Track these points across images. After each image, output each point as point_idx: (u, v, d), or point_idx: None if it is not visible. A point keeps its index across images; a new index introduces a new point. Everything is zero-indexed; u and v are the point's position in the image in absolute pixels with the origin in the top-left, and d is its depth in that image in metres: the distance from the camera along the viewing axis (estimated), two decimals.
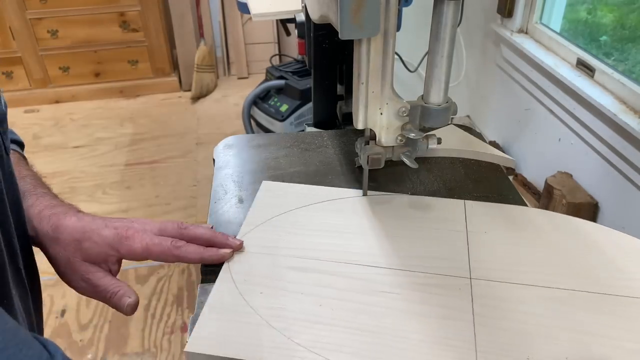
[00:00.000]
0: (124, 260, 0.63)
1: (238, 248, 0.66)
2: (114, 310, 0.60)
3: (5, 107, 0.57)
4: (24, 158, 0.70)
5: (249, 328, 0.55)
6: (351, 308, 0.57)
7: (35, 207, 0.61)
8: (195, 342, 0.54)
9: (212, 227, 0.67)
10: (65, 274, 0.61)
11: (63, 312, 1.76)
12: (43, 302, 0.65)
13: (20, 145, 0.71)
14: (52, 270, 0.62)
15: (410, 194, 0.77)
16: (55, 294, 1.81)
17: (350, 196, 0.76)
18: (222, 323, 0.56)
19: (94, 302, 1.78)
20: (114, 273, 0.62)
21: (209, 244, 0.64)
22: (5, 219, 0.50)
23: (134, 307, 0.59)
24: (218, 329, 0.55)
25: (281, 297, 0.59)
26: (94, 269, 0.60)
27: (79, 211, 0.63)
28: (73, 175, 2.47)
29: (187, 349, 0.53)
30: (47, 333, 1.68)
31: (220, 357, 0.53)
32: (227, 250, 0.64)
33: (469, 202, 0.74)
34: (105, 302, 0.60)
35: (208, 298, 0.60)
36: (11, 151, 0.66)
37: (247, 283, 0.61)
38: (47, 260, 0.62)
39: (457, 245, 0.66)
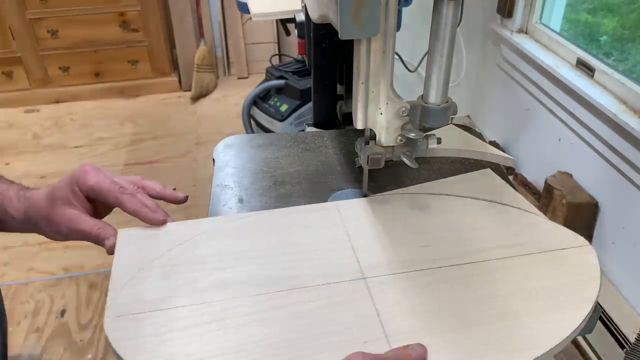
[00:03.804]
0: None
1: (183, 201, 0.74)
2: None
3: None
4: None
5: None
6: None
7: (10, 190, 0.69)
8: None
9: (164, 187, 0.73)
10: (52, 231, 0.67)
11: (63, 312, 1.75)
12: (43, 302, 0.67)
13: None
14: (52, 270, 0.63)
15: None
16: (55, 294, 1.81)
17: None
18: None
19: (94, 302, 1.78)
20: (90, 213, 0.68)
21: (159, 197, 0.72)
22: None
23: (113, 248, 0.65)
24: None
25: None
26: (71, 214, 0.66)
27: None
28: None
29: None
30: (47, 333, 1.68)
31: None
32: (159, 218, 0.68)
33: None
34: (94, 243, 0.67)
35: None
36: None
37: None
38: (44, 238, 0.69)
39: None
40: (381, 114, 0.67)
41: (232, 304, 0.57)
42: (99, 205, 0.70)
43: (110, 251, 0.64)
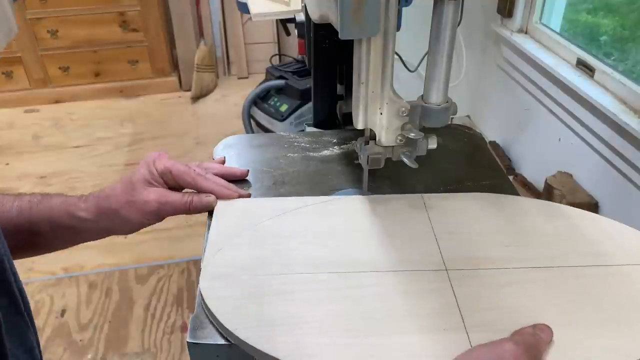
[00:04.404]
0: (122, 261, 0.64)
1: (245, 175, 0.79)
2: (114, 310, 0.62)
3: None
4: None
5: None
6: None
7: (70, 198, 0.70)
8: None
9: (223, 165, 0.80)
10: (135, 215, 0.69)
11: (63, 312, 1.75)
12: (43, 302, 0.66)
13: None
14: (52, 270, 0.63)
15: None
16: (55, 294, 1.81)
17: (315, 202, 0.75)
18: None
19: (94, 302, 1.78)
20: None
21: (221, 175, 0.76)
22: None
23: (214, 201, 0.71)
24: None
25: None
26: (158, 190, 0.70)
27: None
28: (73, 175, 2.47)
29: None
30: (47, 333, 1.68)
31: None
32: (233, 193, 0.73)
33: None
34: (186, 213, 0.70)
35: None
36: None
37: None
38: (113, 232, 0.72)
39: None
40: (381, 114, 0.67)
41: (317, 278, 0.61)
42: (172, 187, 0.73)
43: (212, 205, 0.70)
